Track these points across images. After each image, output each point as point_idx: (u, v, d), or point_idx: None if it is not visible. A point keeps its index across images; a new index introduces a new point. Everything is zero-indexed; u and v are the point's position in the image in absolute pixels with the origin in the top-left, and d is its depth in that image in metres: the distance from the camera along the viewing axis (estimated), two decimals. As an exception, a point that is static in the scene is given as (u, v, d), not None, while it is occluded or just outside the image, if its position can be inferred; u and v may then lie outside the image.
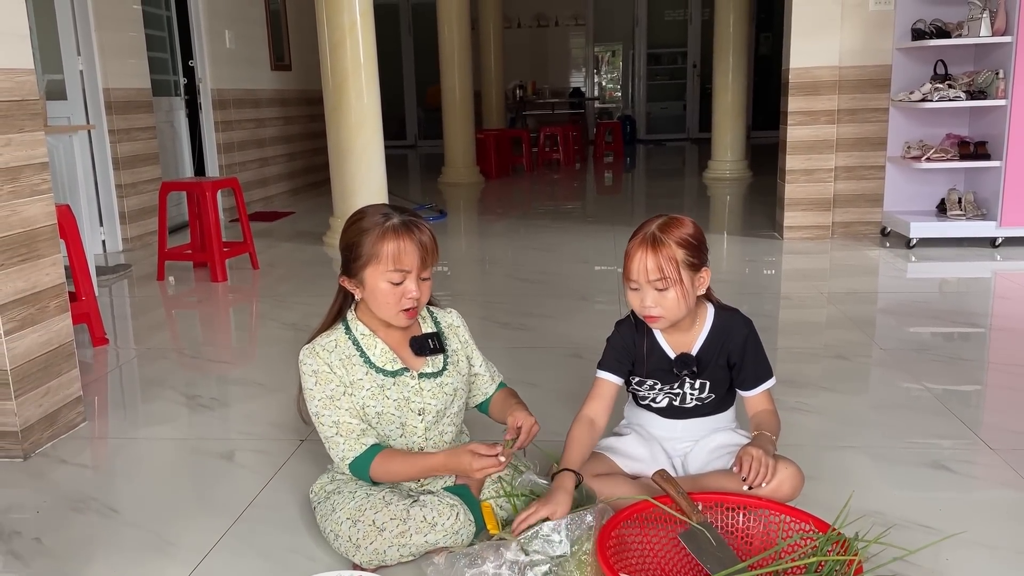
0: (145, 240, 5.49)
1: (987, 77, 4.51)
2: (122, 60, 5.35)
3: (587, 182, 9.22)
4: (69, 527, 1.90)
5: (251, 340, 3.58)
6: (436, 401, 1.78)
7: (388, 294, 1.69)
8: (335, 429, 1.72)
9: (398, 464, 1.71)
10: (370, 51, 4.91)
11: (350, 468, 1.72)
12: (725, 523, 1.62)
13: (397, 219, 1.69)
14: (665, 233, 1.69)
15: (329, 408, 1.71)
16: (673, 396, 1.85)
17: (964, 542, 1.71)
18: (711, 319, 1.81)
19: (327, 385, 1.72)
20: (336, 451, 1.72)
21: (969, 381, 2.73)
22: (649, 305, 1.71)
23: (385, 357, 1.76)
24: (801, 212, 5.11)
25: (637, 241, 1.71)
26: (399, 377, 1.75)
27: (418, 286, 1.70)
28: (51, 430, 2.38)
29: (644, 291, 1.71)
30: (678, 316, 1.74)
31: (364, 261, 1.69)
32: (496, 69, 10.05)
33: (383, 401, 1.74)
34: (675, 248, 1.68)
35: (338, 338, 1.77)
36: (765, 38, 13.16)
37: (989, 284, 4.10)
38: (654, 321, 1.74)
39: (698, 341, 1.80)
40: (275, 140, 7.72)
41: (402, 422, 1.76)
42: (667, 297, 1.69)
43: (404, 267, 1.67)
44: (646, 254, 1.68)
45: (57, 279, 2.43)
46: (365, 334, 1.77)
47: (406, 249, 1.66)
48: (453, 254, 5.33)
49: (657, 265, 1.67)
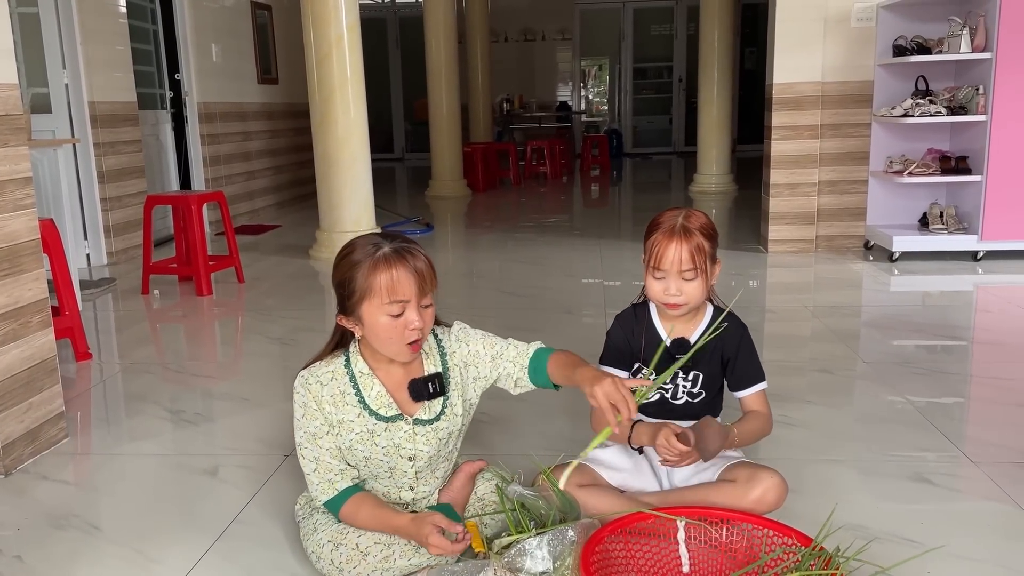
0: (130, 254, 5.46)
1: (967, 93, 4.57)
2: (108, 73, 5.34)
3: (574, 195, 9.26)
4: (51, 544, 1.88)
5: (236, 354, 3.56)
6: (428, 447, 1.71)
7: (390, 328, 1.59)
8: (314, 465, 1.68)
9: (364, 516, 1.66)
10: (357, 64, 4.92)
11: (324, 506, 1.71)
12: (708, 537, 1.62)
13: (388, 247, 1.59)
14: (691, 223, 1.78)
15: (311, 444, 1.68)
16: (664, 389, 1.89)
17: (946, 555, 1.72)
18: (710, 313, 1.89)
19: (312, 422, 1.67)
20: (311, 488, 1.71)
21: (952, 394, 2.75)
22: (674, 293, 1.79)
23: (380, 401, 1.68)
24: (785, 226, 5.15)
25: (666, 233, 1.78)
26: (392, 423, 1.68)
27: (420, 315, 1.60)
28: (33, 446, 2.35)
29: (670, 280, 1.79)
30: (696, 304, 1.83)
31: (359, 297, 1.59)
32: (483, 83, 10.09)
33: (371, 447, 1.68)
34: (702, 238, 1.78)
35: (336, 371, 1.70)
36: (750, 53, 13.28)
37: (971, 297, 4.14)
38: (676, 308, 1.82)
39: (697, 331, 1.88)
40: (261, 153, 7.72)
41: (391, 467, 1.71)
42: (691, 285, 1.79)
43: (401, 297, 1.57)
44: (680, 245, 1.76)
45: (40, 294, 2.41)
46: (364, 372, 1.69)
47: (400, 278, 1.57)
48: (440, 267, 5.28)
49: (691, 255, 1.76)
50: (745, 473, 1.74)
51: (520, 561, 1.46)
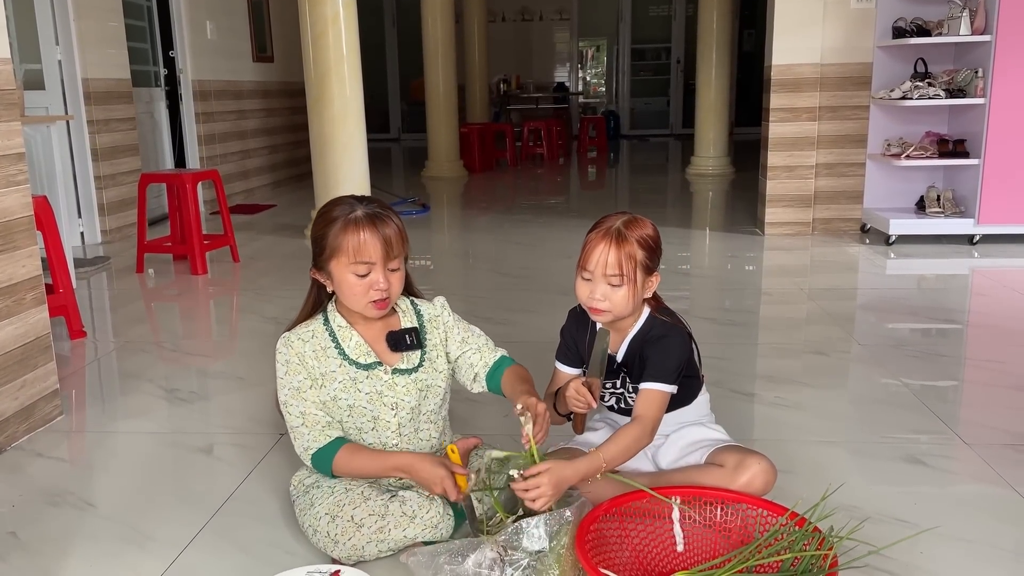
0: (124, 232, 5.43)
1: (966, 75, 4.55)
2: (101, 50, 5.28)
3: (570, 177, 9.23)
4: (45, 521, 1.89)
5: (231, 334, 3.56)
6: (410, 397, 1.76)
7: (355, 286, 1.68)
8: (301, 420, 1.71)
9: (362, 459, 1.69)
10: (353, 42, 4.88)
11: (312, 459, 1.70)
12: (704, 517, 1.63)
13: (361, 211, 1.67)
14: (629, 231, 1.70)
15: (296, 399, 1.71)
16: (617, 395, 1.86)
17: (939, 536, 1.73)
18: (641, 324, 1.80)
19: (295, 376, 1.71)
20: (300, 441, 1.71)
21: (946, 377, 2.76)
22: (598, 298, 1.72)
23: (359, 350, 1.75)
24: (782, 208, 5.14)
25: (600, 234, 1.71)
26: (372, 371, 1.74)
27: (386, 277, 1.68)
28: (27, 423, 2.35)
29: (596, 283, 1.72)
30: (622, 314, 1.75)
31: (329, 254, 1.68)
32: (480, 63, 10.03)
33: (355, 394, 1.73)
34: (636, 247, 1.70)
35: (315, 328, 1.76)
36: (749, 35, 13.22)
37: (967, 281, 4.15)
38: (598, 314, 1.75)
39: (625, 343, 1.80)
40: (257, 132, 7.67)
41: (374, 416, 1.75)
42: (617, 293, 1.71)
43: (366, 259, 1.65)
44: (608, 248, 1.69)
45: (34, 271, 2.40)
46: (342, 326, 1.76)
47: (367, 241, 1.64)
48: (436, 248, 5.32)
49: (617, 260, 1.68)
50: (734, 458, 1.73)
51: (517, 540, 1.46)
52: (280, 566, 1.64)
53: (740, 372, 2.78)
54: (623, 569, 1.50)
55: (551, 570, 1.43)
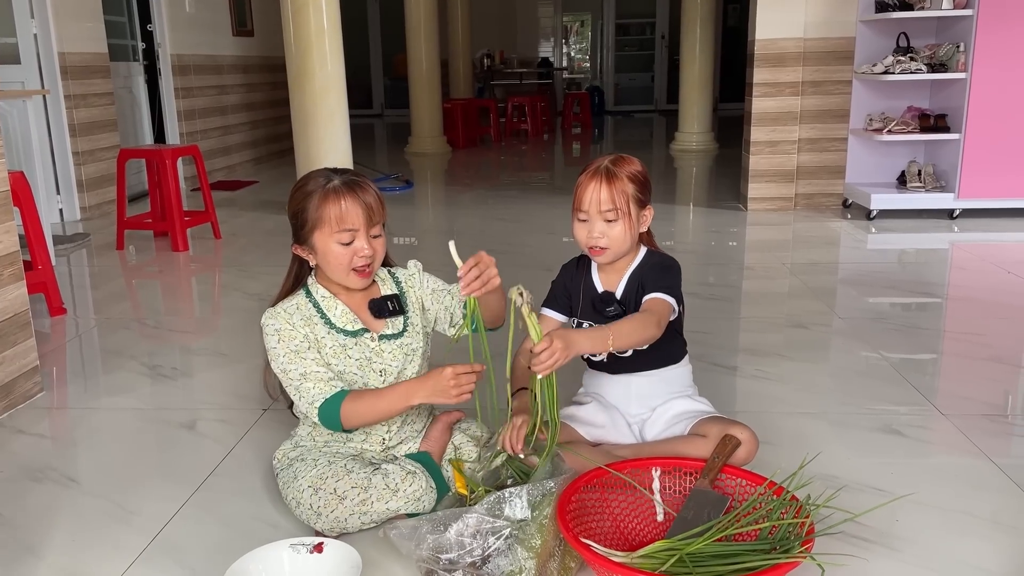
0: (104, 209, 5.38)
1: (948, 50, 4.56)
2: (78, 23, 5.20)
3: (555, 153, 9.21)
4: (27, 497, 1.88)
5: (213, 310, 3.54)
6: (396, 363, 1.77)
7: (340, 255, 1.68)
8: (303, 379, 1.68)
9: (368, 400, 1.67)
10: (334, 16, 4.82)
11: (320, 413, 1.66)
12: (683, 487, 1.65)
13: (338, 180, 1.68)
14: (617, 167, 1.76)
15: (295, 362, 1.68)
16: None
17: (915, 503, 1.76)
18: (640, 259, 1.85)
19: (291, 341, 1.69)
20: (306, 397, 1.67)
21: (925, 350, 2.79)
22: (596, 235, 1.76)
23: (345, 318, 1.75)
24: (765, 184, 5.16)
25: (590, 174, 1.77)
26: (359, 337, 1.75)
27: (369, 243, 1.69)
28: (7, 400, 2.34)
29: (593, 222, 1.76)
30: (622, 250, 1.79)
31: (311, 226, 1.68)
32: (464, 38, 9.94)
33: (345, 360, 1.73)
34: (627, 182, 1.75)
35: (299, 302, 1.75)
36: (733, 9, 13.17)
37: (946, 255, 4.18)
38: (599, 254, 1.79)
39: (623, 280, 1.84)
40: (237, 108, 7.59)
41: (364, 383, 1.75)
42: (614, 228, 1.76)
43: (349, 226, 1.66)
44: (600, 186, 1.74)
45: (11, 247, 2.37)
46: (325, 296, 1.76)
47: (349, 208, 1.65)
48: (419, 225, 5.30)
49: (610, 196, 1.74)
50: (716, 429, 1.75)
51: (499, 509, 1.47)
52: (263, 539, 1.65)
53: (723, 345, 2.80)
54: (604, 539, 1.51)
55: (533, 539, 1.45)
